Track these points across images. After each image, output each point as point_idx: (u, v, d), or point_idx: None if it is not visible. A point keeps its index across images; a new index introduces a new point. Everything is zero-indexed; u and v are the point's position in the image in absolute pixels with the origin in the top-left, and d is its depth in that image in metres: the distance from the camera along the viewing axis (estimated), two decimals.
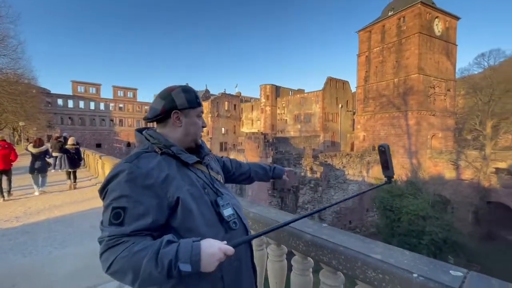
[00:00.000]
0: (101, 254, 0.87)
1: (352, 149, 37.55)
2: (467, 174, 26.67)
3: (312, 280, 1.49)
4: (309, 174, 23.97)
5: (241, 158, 39.77)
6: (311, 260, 1.43)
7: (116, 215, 0.89)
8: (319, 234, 1.29)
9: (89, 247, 3.76)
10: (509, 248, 22.85)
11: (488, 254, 21.77)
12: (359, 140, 34.97)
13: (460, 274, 0.92)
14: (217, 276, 0.96)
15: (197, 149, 1.19)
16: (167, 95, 1.10)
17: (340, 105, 42.77)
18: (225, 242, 0.88)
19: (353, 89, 41.20)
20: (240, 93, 61.25)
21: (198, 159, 1.12)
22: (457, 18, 32.31)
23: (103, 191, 0.97)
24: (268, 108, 49.22)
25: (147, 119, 1.14)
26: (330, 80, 42.49)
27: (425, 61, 29.58)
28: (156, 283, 0.84)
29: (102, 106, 54.82)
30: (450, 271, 0.93)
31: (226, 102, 47.08)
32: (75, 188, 8.39)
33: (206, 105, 46.55)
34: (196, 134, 1.17)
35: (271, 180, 1.70)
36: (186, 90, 1.13)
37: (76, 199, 7.05)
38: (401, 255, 1.06)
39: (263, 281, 1.76)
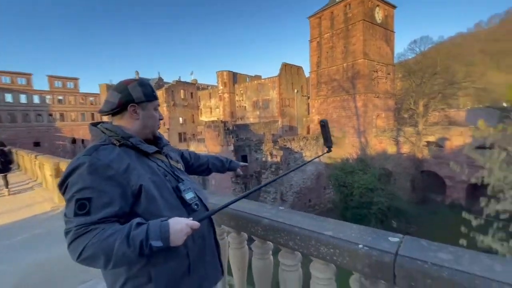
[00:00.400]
0: (70, 244, 0.91)
1: (308, 132, 39.69)
2: (405, 148, 30.51)
3: (272, 262, 1.61)
4: (269, 159, 24.82)
5: (201, 148, 38.97)
6: (270, 243, 1.53)
7: (82, 206, 0.92)
8: (276, 218, 1.40)
9: (27, 261, 3.32)
10: (437, 208, 27.26)
11: (422, 215, 25.67)
12: (314, 124, 37.02)
13: (397, 239, 1.10)
14: (183, 253, 1.07)
15: (155, 140, 1.27)
16: (123, 89, 1.14)
17: (295, 90, 44.38)
18: (191, 218, 1.00)
19: (307, 74, 42.93)
20: (196, 81, 59.04)
21: (158, 149, 1.20)
22: (394, 7, 35.42)
23: (63, 185, 0.99)
24: (226, 95, 48.61)
25: (103, 112, 1.16)
26: (285, 66, 43.50)
27: (369, 47, 32.07)
28: (129, 262, 0.93)
29: (36, 99, 47.47)
30: (389, 238, 1.11)
31: (182, 90, 44.98)
32: (9, 194, 7.45)
33: (160, 94, 43.85)
34: (154, 126, 1.24)
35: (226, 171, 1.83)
36: (143, 83, 1.19)
37: (11, 207, 6.27)
38: (349, 229, 1.23)
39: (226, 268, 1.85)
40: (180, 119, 44.22)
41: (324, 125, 1.40)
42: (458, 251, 0.97)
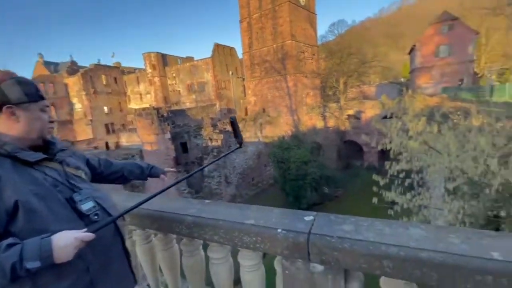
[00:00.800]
0: None
1: (246, 114, 40.29)
2: (331, 122, 34.25)
3: (204, 257, 1.59)
4: (210, 144, 24.43)
5: (134, 138, 35.41)
6: (198, 240, 1.50)
7: None
8: (200, 214, 1.36)
9: None
10: (358, 171, 32.04)
11: (347, 179, 29.85)
12: (251, 105, 37.74)
13: (311, 217, 1.17)
14: (81, 269, 0.98)
15: (46, 146, 1.13)
16: None
17: (230, 72, 43.80)
18: (85, 230, 0.92)
19: (240, 56, 42.67)
20: (120, 64, 51.90)
21: (46, 156, 1.06)
22: None
23: None
24: (157, 79, 44.47)
25: None
26: (217, 47, 42.08)
27: (295, 28, 33.59)
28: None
29: None
30: (304, 218, 1.18)
31: (103, 76, 38.86)
32: None
33: (76, 81, 37.17)
34: (42, 129, 1.10)
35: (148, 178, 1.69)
36: (22, 82, 1.03)
37: None
38: (270, 213, 1.27)
39: (158, 269, 1.79)
40: (105, 108, 38.71)
41: (233, 121, 1.38)
42: (359, 221, 1.11)
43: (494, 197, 4.10)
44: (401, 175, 4.77)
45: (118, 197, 1.64)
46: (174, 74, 45.00)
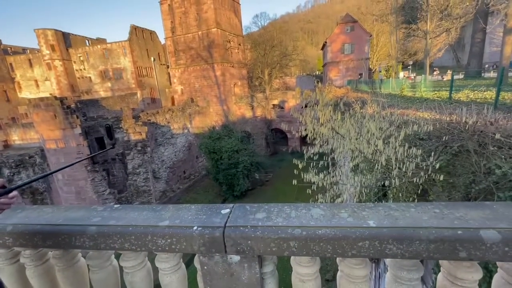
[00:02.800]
0: None
1: (173, 104, 37.84)
2: (259, 112, 35.77)
3: (116, 267, 1.44)
4: (133, 137, 21.97)
5: (31, 135, 28.68)
6: (111, 251, 1.35)
7: None
8: (107, 221, 1.22)
9: None
10: (284, 156, 34.85)
11: (275, 164, 32.15)
12: (178, 94, 35.63)
13: (227, 210, 1.19)
14: None
15: None
16: None
17: (152, 58, 39.88)
18: None
19: (162, 41, 39.21)
20: (0, 41, 40.05)
21: None
22: None
23: None
24: (58, 63, 36.49)
25: None
26: (135, 29, 37.39)
27: (220, 16, 32.93)
28: None
29: None
30: (221, 211, 1.19)
31: None
32: None
33: None
34: None
35: None
36: None
37: None
38: (187, 212, 1.23)
39: None
40: None
41: (109, 126, 1.26)
42: (271, 207, 1.19)
43: (381, 170, 5.15)
44: (316, 158, 5.40)
45: None
46: (81, 58, 37.80)
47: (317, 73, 67.30)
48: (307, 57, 68.30)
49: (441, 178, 3.60)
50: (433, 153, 4.00)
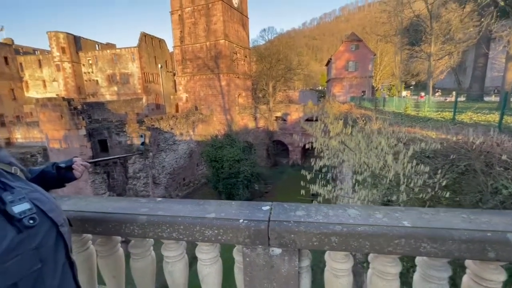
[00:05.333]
0: None
1: (177, 111, 38.22)
2: (261, 123, 36.08)
3: (155, 258, 1.52)
4: (136, 142, 22.10)
5: (35, 134, 28.83)
6: (150, 239, 1.43)
7: None
8: (155, 212, 1.30)
9: None
10: (284, 168, 34.85)
11: (275, 175, 32.10)
12: (183, 102, 36.09)
13: (268, 207, 1.27)
14: (6, 286, 0.83)
15: None
16: None
17: (159, 65, 40.66)
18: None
19: (171, 49, 40.13)
20: (12, 41, 40.98)
21: None
22: None
23: None
24: (68, 65, 37.22)
25: None
26: (145, 36, 38.37)
27: (228, 28, 33.87)
28: None
29: None
30: (262, 207, 1.27)
31: None
32: None
33: None
34: None
35: (62, 178, 1.31)
36: None
37: None
38: (229, 207, 1.31)
39: (96, 279, 1.57)
40: None
41: (143, 136, 1.48)
42: (309, 207, 1.29)
43: (388, 186, 5.23)
44: (324, 170, 5.49)
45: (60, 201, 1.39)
46: (90, 61, 38.58)
47: (320, 88, 68.33)
48: (311, 72, 69.52)
49: (447, 195, 3.69)
50: (439, 170, 4.11)
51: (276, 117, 36.02)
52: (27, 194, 0.92)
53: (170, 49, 40.59)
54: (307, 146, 6.04)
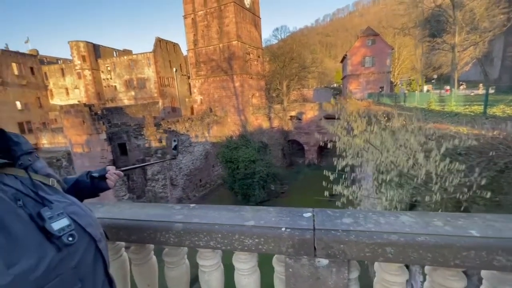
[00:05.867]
0: None
1: (192, 113, 38.87)
2: (276, 123, 35.87)
3: (189, 265, 1.47)
4: (154, 144, 22.68)
5: (59, 139, 30.36)
6: (185, 247, 1.39)
7: None
8: (190, 219, 1.25)
9: None
10: (300, 168, 34.45)
11: (291, 175, 31.78)
12: (197, 104, 36.61)
13: (309, 214, 1.20)
14: None
15: (6, 146, 0.86)
16: None
17: (174, 69, 41.53)
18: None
19: (185, 53, 40.88)
20: (37, 52, 43.48)
21: (6, 161, 0.82)
22: None
23: None
24: (88, 73, 38.93)
25: None
26: (159, 41, 39.32)
27: (241, 29, 33.97)
28: None
29: None
30: (303, 214, 1.20)
31: (14, 64, 31.76)
32: None
33: None
34: None
35: (95, 187, 1.27)
36: None
37: None
38: (267, 213, 1.24)
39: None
40: (18, 103, 31.92)
41: (176, 140, 1.50)
42: (355, 213, 1.19)
43: (414, 186, 4.97)
44: (347, 170, 5.30)
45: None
46: (109, 68, 40.09)
47: (334, 85, 66.98)
48: (325, 69, 68.32)
49: (488, 195, 3.42)
50: (477, 169, 3.82)
51: (291, 116, 35.67)
52: (64, 208, 0.87)
53: (184, 52, 41.34)
54: (327, 146, 5.84)
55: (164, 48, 40.13)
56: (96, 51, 40.12)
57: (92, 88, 39.52)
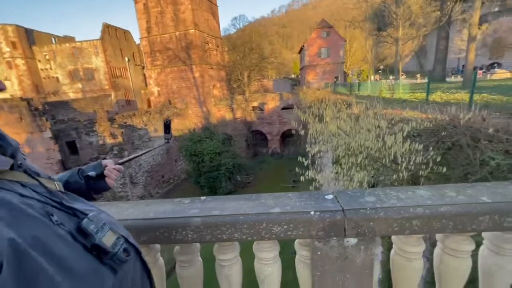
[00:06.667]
0: None
1: (149, 106, 36.41)
2: (239, 114, 35.71)
3: (202, 262, 1.39)
4: (108, 141, 20.74)
5: None
6: (197, 243, 1.30)
7: None
8: (209, 212, 1.16)
9: None
10: (264, 158, 35.13)
11: (255, 165, 32.24)
12: (155, 96, 34.40)
13: (331, 196, 1.20)
14: None
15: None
16: None
17: (126, 59, 38.07)
18: None
19: (137, 41, 37.68)
20: None
21: (12, 161, 0.61)
22: None
23: None
24: (21, 62, 33.37)
25: None
26: (108, 28, 35.44)
27: (198, 17, 32.47)
28: None
29: None
30: (325, 197, 1.19)
31: None
32: None
33: None
34: None
35: (92, 188, 1.02)
36: None
37: None
38: (289, 199, 1.20)
39: None
40: None
41: (168, 124, 1.47)
42: (375, 191, 1.23)
43: (379, 166, 5.46)
44: (318, 155, 5.55)
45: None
46: (47, 57, 34.84)
47: (292, 76, 68.97)
48: (283, 60, 69.68)
49: (444, 170, 3.92)
50: (431, 148, 4.34)
51: (253, 107, 35.84)
52: (99, 216, 0.69)
53: (137, 41, 38.10)
54: (292, 134, 6.02)
55: (113, 36, 36.33)
56: (29, 37, 34.41)
57: (28, 79, 34.04)
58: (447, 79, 23.22)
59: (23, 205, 0.53)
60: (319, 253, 1.14)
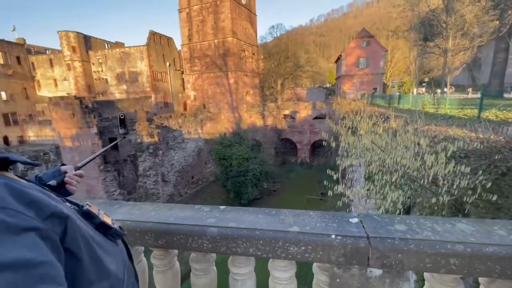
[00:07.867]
0: None
1: (185, 109, 38.31)
2: (269, 121, 35.82)
3: (216, 272, 1.37)
4: (146, 139, 22.21)
5: (47, 132, 29.34)
6: (214, 254, 1.29)
7: None
8: (226, 223, 1.15)
9: None
10: (293, 167, 34.59)
11: (283, 174, 31.86)
12: (191, 100, 36.10)
13: (356, 220, 1.13)
14: None
15: None
16: None
17: (168, 64, 40.73)
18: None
19: (178, 47, 40.17)
20: (24, 41, 41.65)
21: (29, 160, 0.77)
22: None
23: None
24: (78, 64, 37.62)
25: None
26: (153, 35, 38.41)
27: (236, 26, 33.61)
28: None
29: None
30: (350, 220, 1.13)
31: None
32: None
33: None
34: None
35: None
36: None
37: None
38: (310, 218, 1.16)
39: None
40: (3, 94, 30.53)
41: (124, 116, 1.40)
42: (406, 219, 1.11)
43: (416, 187, 5.00)
44: (349, 169, 5.27)
45: None
46: (100, 60, 38.87)
47: (328, 85, 67.47)
48: (319, 69, 68.73)
49: (494, 198, 3.45)
50: (480, 171, 3.86)
51: (285, 115, 35.68)
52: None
53: (178, 47, 40.60)
54: (323, 144, 5.80)
55: (157, 42, 39.26)
56: (87, 43, 38.82)
57: (82, 80, 38.27)
58: (505, 95, 20.74)
59: (55, 202, 0.61)
60: (338, 280, 1.06)
